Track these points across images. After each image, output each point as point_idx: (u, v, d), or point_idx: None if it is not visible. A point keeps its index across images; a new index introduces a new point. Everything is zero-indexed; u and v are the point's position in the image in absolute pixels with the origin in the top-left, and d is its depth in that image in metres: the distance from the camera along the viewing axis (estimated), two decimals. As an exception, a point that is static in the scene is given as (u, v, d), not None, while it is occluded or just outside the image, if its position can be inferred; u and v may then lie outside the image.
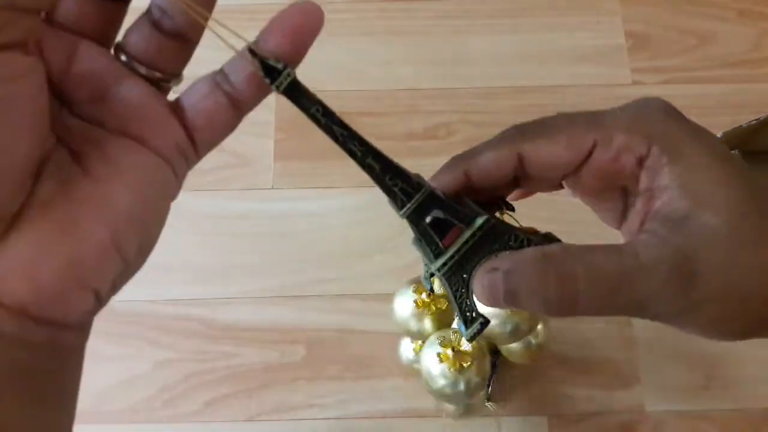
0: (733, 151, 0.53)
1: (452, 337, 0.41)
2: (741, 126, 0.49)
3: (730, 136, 0.49)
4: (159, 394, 0.51)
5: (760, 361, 0.51)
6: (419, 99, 0.60)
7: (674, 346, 0.52)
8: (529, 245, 0.24)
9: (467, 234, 0.24)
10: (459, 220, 0.24)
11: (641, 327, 0.52)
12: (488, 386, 0.50)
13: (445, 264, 0.24)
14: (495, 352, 0.50)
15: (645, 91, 0.58)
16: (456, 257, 0.24)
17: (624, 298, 0.22)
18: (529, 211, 0.26)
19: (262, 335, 0.53)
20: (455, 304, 0.25)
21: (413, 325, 0.42)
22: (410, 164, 0.23)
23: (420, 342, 0.45)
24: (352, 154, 0.23)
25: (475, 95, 0.60)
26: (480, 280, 0.24)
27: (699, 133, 0.23)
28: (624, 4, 0.63)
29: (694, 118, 0.24)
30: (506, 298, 0.23)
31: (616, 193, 0.26)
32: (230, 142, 0.23)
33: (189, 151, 0.22)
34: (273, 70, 0.21)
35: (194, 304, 0.54)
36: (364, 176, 0.23)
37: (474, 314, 0.25)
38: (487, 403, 0.50)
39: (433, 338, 0.41)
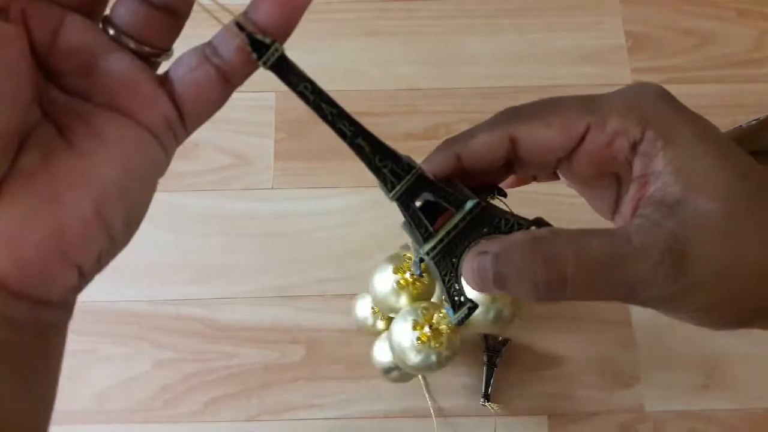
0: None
1: (427, 312, 0.40)
2: (741, 126, 0.49)
3: (730, 136, 0.49)
4: (159, 394, 0.51)
5: (760, 361, 0.51)
6: (419, 99, 0.60)
7: (674, 346, 0.52)
8: (519, 229, 0.24)
9: (457, 218, 0.24)
10: (449, 204, 0.24)
11: (641, 327, 0.52)
12: (488, 386, 0.50)
13: (434, 248, 0.24)
14: (494, 351, 0.50)
15: (645, 91, 0.58)
16: (445, 241, 0.24)
17: (614, 282, 0.21)
18: (527, 211, 0.26)
19: (262, 335, 0.53)
20: (444, 288, 0.25)
21: (393, 302, 0.42)
22: (410, 164, 0.23)
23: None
24: (341, 134, 0.22)
25: (475, 95, 0.60)
26: (469, 263, 0.23)
27: (694, 118, 0.23)
28: (624, 4, 0.63)
29: (694, 118, 0.24)
30: (495, 282, 0.22)
31: (609, 181, 0.25)
32: (230, 142, 0.23)
33: (177, 125, 0.21)
34: (260, 45, 0.20)
35: (194, 304, 0.54)
36: (364, 176, 0.23)
37: (462, 299, 0.25)
38: (486, 404, 0.50)
39: (405, 312, 0.41)
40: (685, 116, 0.23)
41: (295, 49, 0.22)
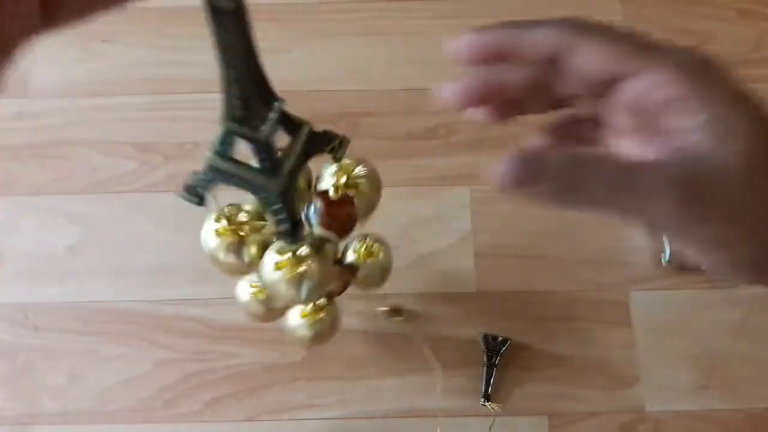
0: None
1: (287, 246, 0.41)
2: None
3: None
4: (159, 394, 0.51)
5: (760, 361, 0.51)
6: (419, 99, 0.59)
7: (674, 346, 0.52)
8: (341, 146, 0.28)
9: (298, 143, 0.28)
10: (288, 132, 0.29)
11: (641, 327, 0.52)
12: (488, 386, 0.50)
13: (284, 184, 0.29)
14: (494, 351, 0.50)
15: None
16: (289, 167, 0.28)
17: (626, 193, 0.22)
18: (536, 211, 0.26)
19: (262, 335, 0.53)
20: (286, 213, 0.30)
21: (223, 258, 0.43)
22: (410, 164, 0.23)
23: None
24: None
25: (475, 95, 0.60)
26: (512, 164, 0.22)
27: (732, 85, 0.25)
28: (624, 4, 0.63)
29: (694, 118, 0.24)
30: (534, 178, 0.22)
31: (638, 129, 0.26)
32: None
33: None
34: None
35: (194, 304, 0.54)
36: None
37: (300, 222, 0.30)
38: (486, 404, 0.50)
39: (269, 252, 0.42)
40: (723, 82, 0.25)
41: (295, 50, 0.22)
